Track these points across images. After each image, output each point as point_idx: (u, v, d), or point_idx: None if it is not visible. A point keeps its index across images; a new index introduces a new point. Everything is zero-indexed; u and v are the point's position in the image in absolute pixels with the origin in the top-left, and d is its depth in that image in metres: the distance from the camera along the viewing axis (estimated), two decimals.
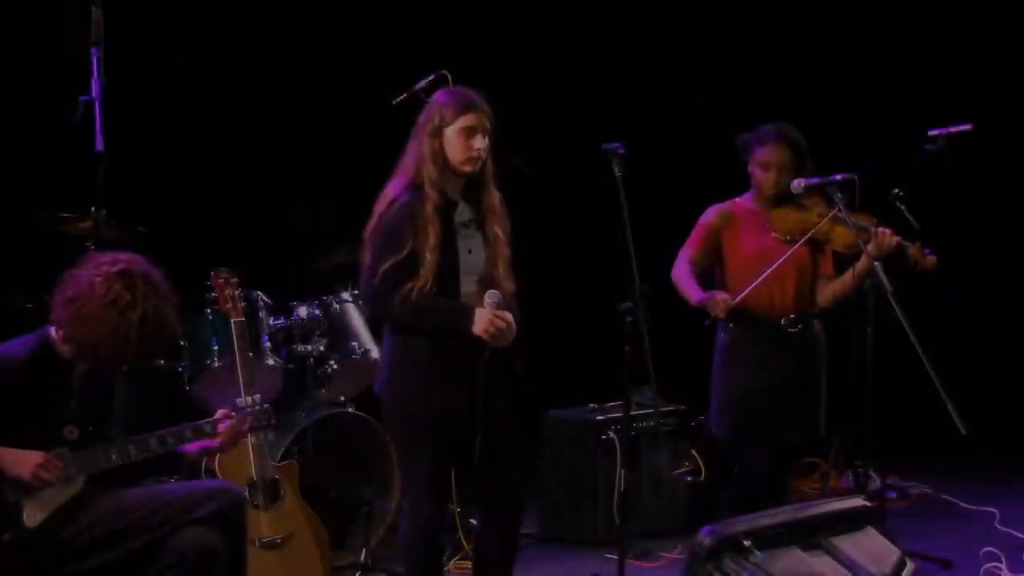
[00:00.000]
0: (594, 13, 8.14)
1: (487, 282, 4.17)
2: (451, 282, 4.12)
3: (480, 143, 4.13)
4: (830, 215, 5.01)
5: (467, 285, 4.16)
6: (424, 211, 4.08)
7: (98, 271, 3.80)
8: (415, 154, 4.17)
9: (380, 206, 4.18)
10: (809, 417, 5.18)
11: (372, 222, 4.18)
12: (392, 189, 4.19)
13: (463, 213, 4.20)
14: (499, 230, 4.21)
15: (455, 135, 4.12)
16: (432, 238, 4.05)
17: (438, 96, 4.23)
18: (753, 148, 5.17)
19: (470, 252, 4.18)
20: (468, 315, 4.07)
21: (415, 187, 4.13)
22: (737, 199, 5.26)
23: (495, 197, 4.23)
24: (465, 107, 4.14)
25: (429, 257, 4.05)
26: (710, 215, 5.22)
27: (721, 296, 5.02)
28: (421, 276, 4.05)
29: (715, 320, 5.07)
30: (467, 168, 4.15)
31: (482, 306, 4.09)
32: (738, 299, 5.00)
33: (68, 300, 3.76)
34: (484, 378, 4.12)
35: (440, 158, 4.12)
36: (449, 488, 4.27)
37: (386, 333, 4.24)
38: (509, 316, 4.10)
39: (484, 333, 4.05)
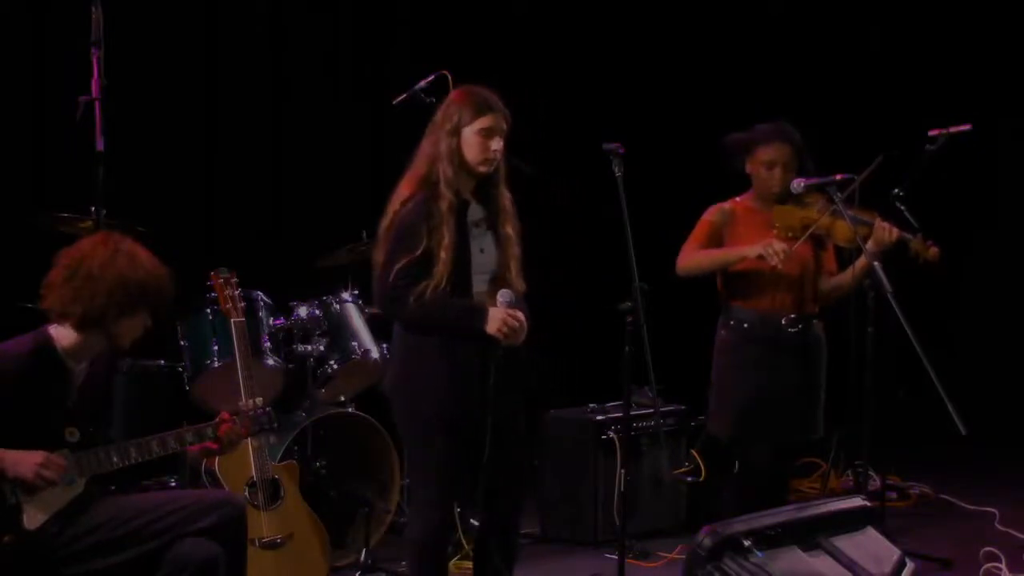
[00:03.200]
0: (594, 13, 8.14)
1: (498, 281, 4.18)
2: (463, 281, 4.12)
3: (497, 145, 4.14)
4: (830, 210, 5.00)
5: (478, 284, 4.17)
6: (439, 210, 4.08)
7: (82, 244, 3.84)
8: (429, 152, 4.17)
9: (393, 204, 4.17)
10: (809, 418, 5.16)
11: (386, 220, 4.17)
12: (405, 188, 4.18)
13: (475, 212, 4.20)
14: (511, 230, 4.22)
15: (472, 135, 4.13)
16: (447, 237, 4.06)
17: (456, 96, 4.22)
18: (754, 147, 5.14)
19: (482, 251, 4.19)
20: (482, 314, 4.07)
21: (429, 185, 4.13)
22: (736, 198, 5.24)
23: (506, 197, 4.25)
24: (484, 108, 4.15)
25: (444, 256, 4.05)
26: (712, 213, 5.19)
27: (780, 244, 4.90)
28: (435, 275, 4.05)
29: (773, 269, 4.93)
30: (482, 169, 4.16)
31: (494, 305, 4.10)
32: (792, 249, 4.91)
33: (67, 277, 3.75)
34: (496, 377, 4.12)
35: (456, 157, 4.13)
36: (459, 489, 4.22)
37: (397, 331, 4.23)
38: (521, 315, 4.11)
39: (498, 332, 4.05)
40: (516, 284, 4.20)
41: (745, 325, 5.12)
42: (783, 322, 5.11)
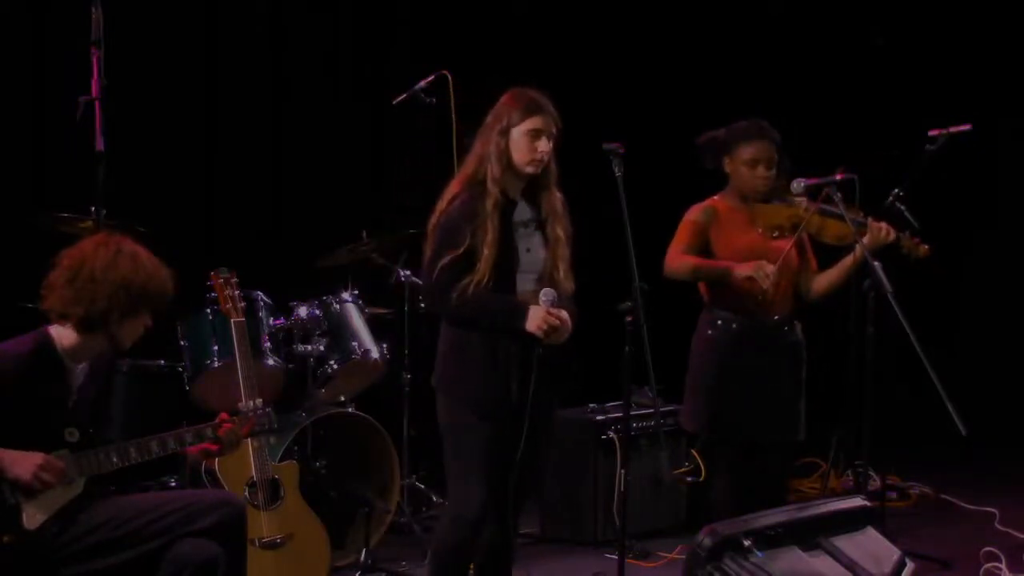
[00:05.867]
0: (594, 13, 8.14)
1: (545, 282, 4.19)
2: (507, 279, 4.15)
3: (544, 146, 4.18)
4: (816, 208, 4.98)
5: (524, 284, 4.20)
6: (484, 208, 4.12)
7: (83, 245, 3.84)
8: (479, 152, 4.21)
9: (442, 203, 4.22)
10: (792, 419, 5.12)
11: (433, 218, 4.21)
12: (454, 186, 4.24)
13: (523, 212, 4.23)
14: (560, 231, 4.25)
15: (521, 136, 4.16)
16: (491, 233, 4.09)
17: (507, 97, 4.25)
18: (736, 146, 5.10)
19: (528, 251, 4.21)
20: (522, 312, 4.09)
21: (476, 183, 4.18)
22: (715, 197, 5.18)
23: (557, 199, 4.28)
24: (533, 109, 4.18)
25: (487, 252, 4.09)
26: (695, 212, 5.14)
27: (770, 267, 4.87)
28: (478, 271, 4.09)
29: (762, 293, 4.91)
30: (529, 169, 4.19)
31: (537, 304, 4.11)
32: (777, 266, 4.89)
33: (69, 279, 3.76)
34: (536, 375, 4.14)
35: (504, 157, 4.16)
36: (496, 483, 4.18)
37: (443, 326, 4.27)
38: (564, 314, 4.13)
39: (537, 330, 4.07)
40: (564, 285, 4.22)
41: (733, 325, 5.07)
42: (770, 323, 5.09)
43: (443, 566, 4.25)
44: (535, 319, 4.08)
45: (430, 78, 5.83)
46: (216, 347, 5.44)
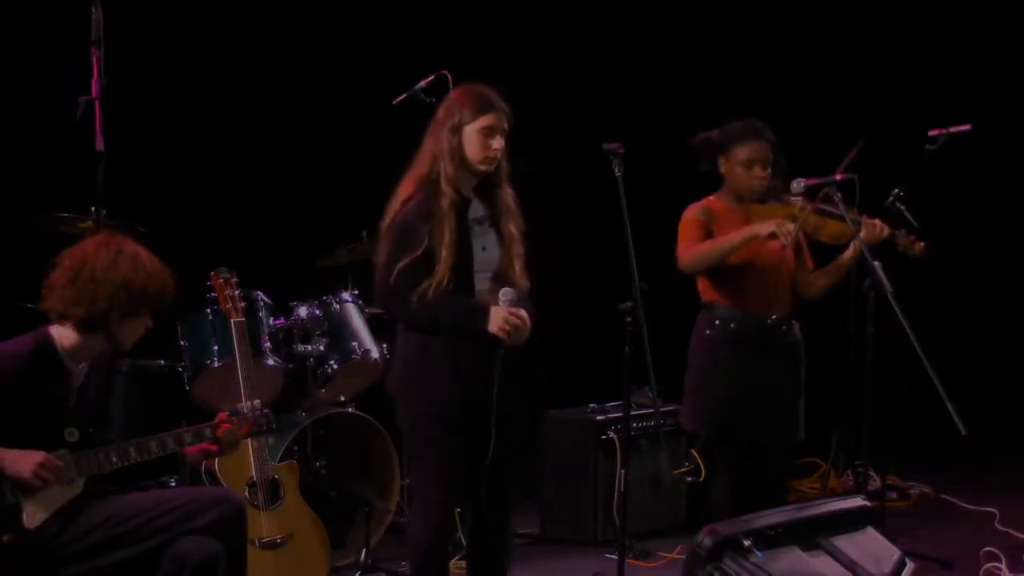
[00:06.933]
0: (594, 13, 8.14)
1: (501, 280, 4.15)
2: (466, 279, 4.11)
3: (498, 143, 4.14)
4: (812, 207, 4.98)
5: (480, 283, 4.15)
6: (439, 208, 4.07)
7: (85, 245, 3.84)
8: (431, 150, 4.16)
9: (395, 203, 4.16)
10: (792, 418, 5.13)
11: (387, 219, 4.16)
12: (406, 187, 4.18)
13: (476, 210, 4.19)
14: (514, 229, 4.21)
15: (474, 134, 4.12)
16: (448, 234, 4.04)
17: (457, 94, 4.22)
18: (731, 147, 5.10)
19: (484, 249, 4.17)
20: (484, 313, 4.04)
21: (430, 182, 4.13)
22: (710, 197, 5.18)
23: (509, 196, 4.23)
24: (485, 107, 4.14)
25: (445, 253, 4.04)
26: (695, 211, 5.12)
27: (790, 224, 4.87)
28: (438, 273, 4.03)
29: (782, 247, 4.93)
30: (483, 167, 4.15)
31: (496, 303, 4.07)
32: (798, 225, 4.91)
33: (70, 279, 3.76)
34: (499, 377, 4.10)
35: (457, 155, 4.12)
36: (461, 490, 4.20)
37: (400, 330, 4.22)
38: (524, 313, 4.08)
39: (500, 331, 4.02)
40: (519, 283, 4.17)
41: (732, 325, 5.08)
42: (768, 322, 5.09)
43: (420, 568, 4.23)
44: (497, 320, 4.03)
45: (430, 78, 5.82)
46: (216, 347, 5.44)
